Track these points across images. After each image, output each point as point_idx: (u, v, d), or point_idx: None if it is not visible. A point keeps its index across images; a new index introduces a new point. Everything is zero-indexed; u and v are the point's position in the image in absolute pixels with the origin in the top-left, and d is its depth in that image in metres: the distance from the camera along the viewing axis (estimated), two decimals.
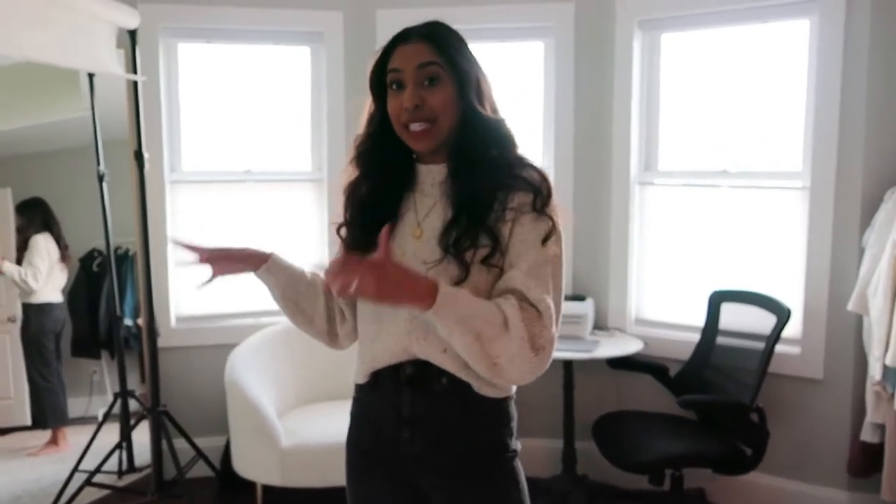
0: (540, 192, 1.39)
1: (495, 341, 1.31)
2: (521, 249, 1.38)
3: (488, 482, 1.45)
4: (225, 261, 1.60)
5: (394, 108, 1.42)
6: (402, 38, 1.44)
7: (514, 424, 1.50)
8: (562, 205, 1.43)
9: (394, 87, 1.43)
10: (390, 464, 1.49)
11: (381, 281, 1.24)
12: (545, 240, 1.38)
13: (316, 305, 1.59)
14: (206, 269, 1.60)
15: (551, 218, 1.40)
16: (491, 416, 1.46)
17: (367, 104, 1.51)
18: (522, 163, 1.44)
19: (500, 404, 1.47)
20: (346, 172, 1.54)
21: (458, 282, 1.38)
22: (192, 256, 1.58)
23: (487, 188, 1.40)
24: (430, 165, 1.47)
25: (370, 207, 1.48)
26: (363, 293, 1.25)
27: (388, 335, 1.45)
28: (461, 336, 1.31)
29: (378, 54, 1.46)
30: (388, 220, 1.44)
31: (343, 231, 1.53)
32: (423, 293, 1.28)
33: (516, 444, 1.49)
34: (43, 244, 4.24)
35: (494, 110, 1.46)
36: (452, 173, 1.44)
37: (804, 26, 3.05)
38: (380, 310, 1.45)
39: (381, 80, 1.45)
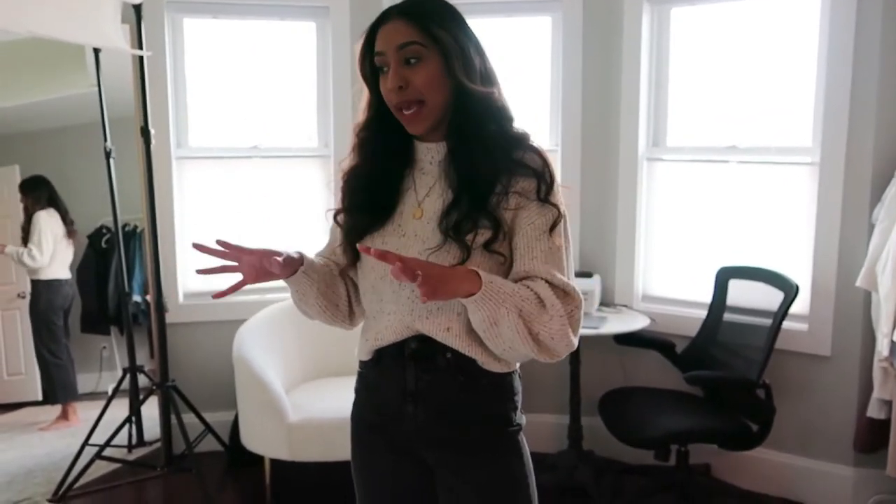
0: (543, 179, 1.38)
1: (535, 319, 1.30)
2: (531, 237, 1.36)
3: (492, 456, 1.46)
4: (258, 268, 1.43)
5: (384, 92, 1.40)
6: (383, 18, 1.40)
7: (519, 398, 1.50)
8: (562, 185, 1.41)
9: (383, 69, 1.39)
10: (395, 438, 1.50)
11: (429, 282, 1.21)
12: (552, 228, 1.37)
13: (340, 292, 1.55)
14: (234, 275, 1.45)
15: (556, 206, 1.38)
16: (495, 390, 1.46)
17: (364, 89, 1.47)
18: (522, 143, 1.42)
19: (504, 378, 1.47)
20: (347, 161, 1.51)
21: (458, 263, 1.37)
22: (220, 259, 1.45)
23: (488, 169, 1.37)
24: (430, 143, 1.45)
25: (370, 190, 1.45)
26: (425, 293, 1.21)
27: (391, 314, 1.44)
28: (508, 315, 1.28)
29: (363, 38, 1.43)
30: (389, 201, 1.44)
31: (340, 217, 1.50)
32: (469, 279, 1.27)
33: (521, 419, 1.49)
34: (45, 220, 4.25)
35: (488, 82, 1.41)
36: (451, 152, 1.42)
37: (816, 0, 3.00)
38: (380, 289, 1.45)
39: (371, 64, 1.42)
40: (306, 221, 3.63)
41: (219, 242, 1.43)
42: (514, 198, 1.38)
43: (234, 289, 1.44)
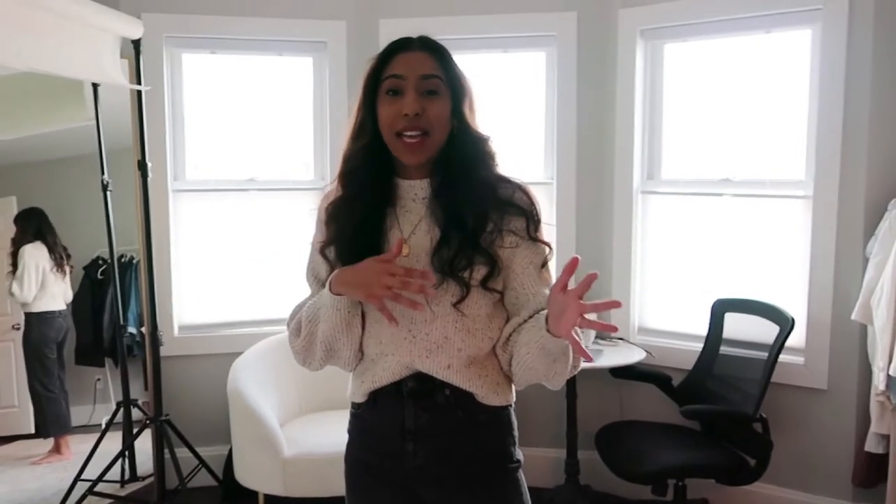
0: (532, 217, 1.43)
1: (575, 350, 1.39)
2: (534, 276, 1.42)
3: (492, 493, 1.46)
4: None
5: (389, 114, 1.39)
6: (403, 45, 1.42)
7: (516, 433, 1.50)
8: (545, 223, 1.46)
9: (389, 93, 1.40)
10: (394, 477, 1.48)
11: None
12: (542, 265, 1.44)
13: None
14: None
15: (545, 243, 1.44)
16: (493, 425, 1.46)
17: (353, 114, 1.46)
18: (508, 181, 1.45)
19: (502, 412, 1.47)
20: (331, 189, 1.50)
21: (460, 300, 1.38)
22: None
23: (475, 206, 1.39)
24: (413, 181, 1.46)
25: (358, 230, 1.43)
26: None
27: (390, 355, 1.43)
28: (570, 355, 1.37)
29: (375, 60, 1.43)
30: (375, 241, 1.43)
31: (329, 252, 1.47)
32: None
33: (519, 454, 1.50)
34: (30, 253, 4.25)
35: (481, 127, 1.46)
36: (437, 190, 1.43)
37: (807, 36, 3.05)
38: (377, 332, 1.43)
39: (375, 86, 1.42)
40: (303, 254, 3.62)
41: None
42: (508, 236, 1.41)
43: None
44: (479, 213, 1.39)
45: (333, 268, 1.46)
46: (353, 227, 1.43)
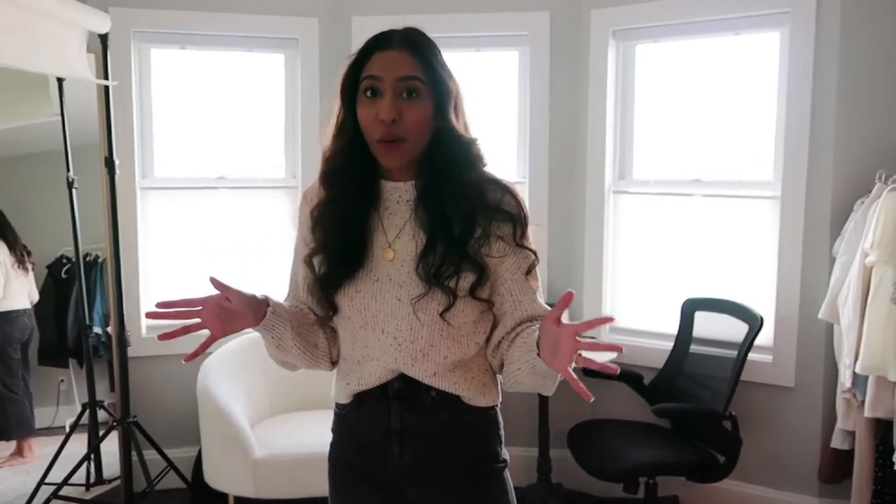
0: (519, 222, 1.39)
1: None
2: (521, 281, 1.41)
3: (478, 493, 1.45)
4: (221, 315, 1.41)
5: (367, 116, 1.34)
6: (383, 43, 1.35)
7: (503, 432, 1.50)
8: (533, 224, 1.43)
9: (368, 93, 1.34)
10: (378, 477, 1.47)
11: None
12: (528, 271, 1.41)
13: (316, 331, 1.49)
14: (198, 329, 1.40)
15: (531, 251, 1.41)
16: (480, 426, 1.46)
17: (335, 111, 1.41)
18: (496, 183, 1.41)
19: (488, 413, 1.47)
20: (314, 192, 1.47)
21: (447, 308, 1.36)
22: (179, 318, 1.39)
23: (462, 211, 1.36)
24: (397, 183, 1.42)
25: (344, 239, 1.40)
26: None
27: (376, 359, 1.41)
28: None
29: (353, 57, 1.38)
30: (357, 246, 1.40)
31: (316, 261, 1.43)
32: None
33: (505, 454, 1.49)
34: None
35: (467, 128, 1.41)
36: (422, 193, 1.39)
37: (775, 38, 3.09)
38: (363, 337, 1.42)
39: (354, 85, 1.37)
40: (273, 253, 3.59)
41: (212, 281, 1.39)
42: (496, 243, 1.38)
43: (204, 347, 1.40)
44: (466, 219, 1.36)
45: (317, 273, 1.43)
46: (337, 233, 1.40)
